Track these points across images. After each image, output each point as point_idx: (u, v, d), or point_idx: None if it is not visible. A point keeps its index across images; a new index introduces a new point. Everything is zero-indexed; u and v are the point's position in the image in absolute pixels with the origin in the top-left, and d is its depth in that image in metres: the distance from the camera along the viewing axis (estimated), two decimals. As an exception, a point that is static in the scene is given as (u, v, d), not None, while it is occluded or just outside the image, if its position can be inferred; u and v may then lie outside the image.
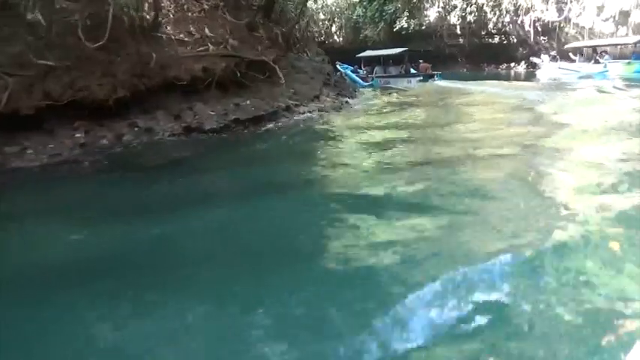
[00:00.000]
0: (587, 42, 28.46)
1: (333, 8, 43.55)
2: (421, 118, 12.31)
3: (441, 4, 38.01)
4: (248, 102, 9.70)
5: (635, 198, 4.62)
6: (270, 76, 11.61)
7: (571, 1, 31.51)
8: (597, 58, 25.18)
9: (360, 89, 21.07)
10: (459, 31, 38.57)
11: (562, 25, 32.73)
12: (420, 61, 27.44)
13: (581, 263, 3.34)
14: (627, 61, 23.60)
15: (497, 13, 35.36)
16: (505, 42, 36.68)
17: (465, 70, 37.72)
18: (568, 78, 23.34)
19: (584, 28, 31.20)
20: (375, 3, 40.20)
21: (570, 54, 27.71)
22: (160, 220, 4.59)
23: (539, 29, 33.84)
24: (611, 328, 2.49)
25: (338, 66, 26.55)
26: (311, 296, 3.08)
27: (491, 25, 36.62)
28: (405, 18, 38.69)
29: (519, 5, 33.49)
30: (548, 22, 33.03)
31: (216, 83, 9.71)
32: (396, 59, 27.25)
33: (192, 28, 9.81)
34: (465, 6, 36.48)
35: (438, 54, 38.20)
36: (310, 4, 43.08)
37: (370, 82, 25.22)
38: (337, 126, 10.50)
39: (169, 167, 6.96)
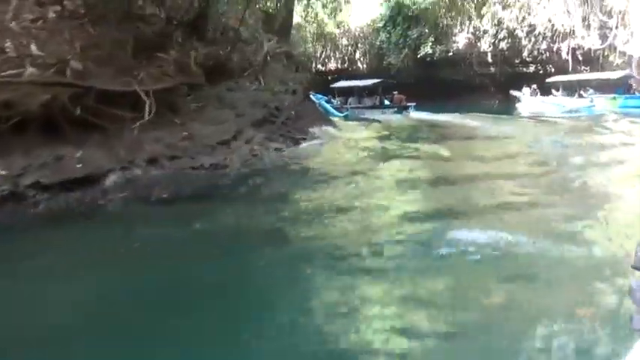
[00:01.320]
0: (569, 76, 27.14)
1: (357, 33, 40.96)
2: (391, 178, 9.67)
3: (471, 30, 34.59)
4: (79, 154, 6.95)
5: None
6: (161, 113, 8.91)
7: (617, 27, 27.39)
8: (581, 92, 24.99)
9: (334, 119, 20.05)
10: (490, 59, 34.93)
11: (606, 53, 28.56)
12: (395, 92, 27.03)
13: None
14: (612, 95, 23.47)
15: (533, 39, 31.56)
16: (541, 71, 32.64)
17: (495, 101, 33.81)
18: (552, 112, 23.58)
19: (631, 56, 26.91)
20: (398, 28, 37.26)
21: (553, 90, 27.10)
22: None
23: (580, 57, 29.74)
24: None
25: (312, 96, 25.21)
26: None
27: (525, 53, 32.81)
28: (431, 44, 35.45)
29: (556, 30, 29.60)
30: (590, 49, 28.93)
31: (40, 122, 7.03)
32: (370, 90, 27.60)
33: (8, 44, 7.21)
34: (496, 31, 32.89)
35: (467, 83, 34.81)
36: (331, 28, 41.07)
37: (345, 113, 24.48)
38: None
39: None
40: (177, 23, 11.11)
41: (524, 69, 33.64)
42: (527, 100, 27.84)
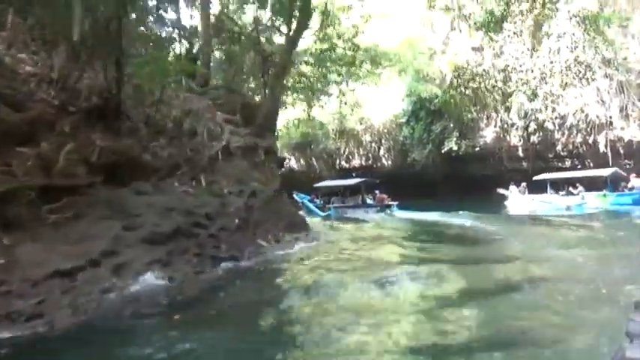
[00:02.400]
0: (557, 174, 26.50)
1: (380, 129, 39.48)
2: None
3: (498, 123, 32.19)
4: None
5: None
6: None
7: (659, 116, 24.26)
8: (570, 189, 24.61)
9: (316, 220, 20.56)
10: (521, 153, 32.03)
11: (651, 144, 25.16)
12: (377, 191, 27.68)
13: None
14: (602, 192, 23.00)
15: (566, 132, 28.66)
16: (579, 166, 29.27)
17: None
18: (543, 210, 23.07)
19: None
20: (421, 123, 35.49)
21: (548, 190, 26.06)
22: None
23: (621, 150, 26.38)
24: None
25: (295, 196, 26.94)
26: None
27: (559, 147, 29.77)
28: (455, 139, 33.18)
29: (590, 121, 26.68)
30: (631, 141, 25.62)
31: None
32: (353, 190, 28.33)
33: None
34: (525, 124, 30.29)
35: (497, 178, 31.82)
36: (354, 124, 39.92)
37: (327, 213, 25.40)
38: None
39: None
40: (76, 110, 9.36)
41: (559, 163, 30.37)
42: (515, 198, 27.29)
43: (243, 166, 14.41)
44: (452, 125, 33.69)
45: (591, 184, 23.84)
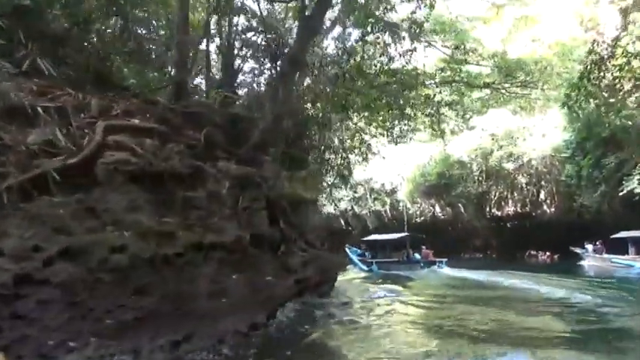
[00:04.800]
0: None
1: (538, 167, 31.31)
2: None
3: None
4: None
5: None
6: None
7: None
8: None
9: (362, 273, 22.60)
10: None
11: None
12: (423, 247, 27.53)
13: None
14: None
15: None
16: None
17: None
18: (621, 273, 20.69)
19: None
20: (589, 156, 26.77)
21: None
22: None
23: None
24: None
25: (347, 249, 25.72)
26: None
27: None
28: (639, 176, 23.85)
29: None
30: None
31: None
32: (397, 245, 27.78)
33: None
34: None
35: None
36: (504, 161, 32.34)
37: (370, 267, 25.26)
38: None
39: None
40: None
41: None
42: (591, 258, 25.13)
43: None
44: (633, 157, 24.39)
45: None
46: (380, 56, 16.06)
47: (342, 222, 46.00)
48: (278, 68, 11.26)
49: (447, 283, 18.55)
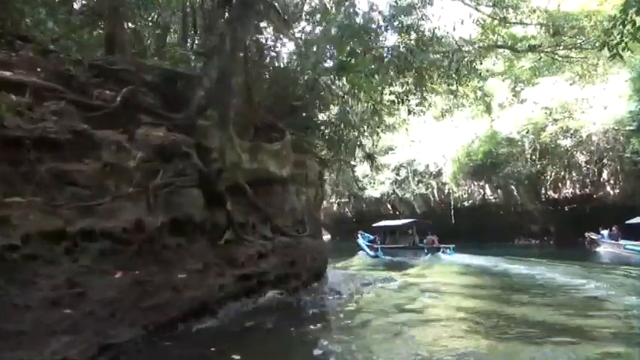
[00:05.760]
0: None
1: (600, 144, 27.47)
2: None
3: None
4: None
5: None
6: None
7: None
8: None
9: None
10: None
11: None
12: (429, 233, 26.48)
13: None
14: None
15: None
16: None
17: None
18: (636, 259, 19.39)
19: None
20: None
21: None
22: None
23: None
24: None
25: (360, 236, 28.45)
26: None
27: None
28: None
29: None
30: None
31: None
32: (404, 230, 27.74)
33: None
34: None
35: None
36: (558, 137, 28.66)
37: (376, 253, 24.86)
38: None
39: None
40: None
41: None
42: (606, 245, 24.58)
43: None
44: None
45: None
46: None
47: (389, 207, 43.68)
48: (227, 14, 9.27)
49: (451, 270, 17.71)
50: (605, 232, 25.00)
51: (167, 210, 6.83)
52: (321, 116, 15.78)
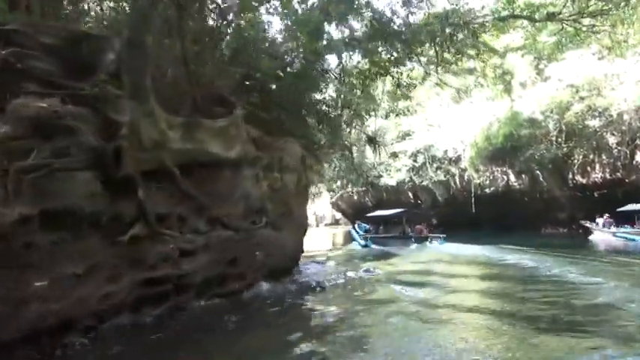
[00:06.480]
0: None
1: (633, 124, 25.03)
2: None
3: None
4: None
5: None
6: None
7: None
8: None
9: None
10: None
11: None
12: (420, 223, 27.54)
13: None
14: None
15: None
16: None
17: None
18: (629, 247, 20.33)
19: None
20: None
21: None
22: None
23: None
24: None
25: (355, 225, 29.65)
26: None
27: None
28: None
29: None
30: None
31: None
32: (395, 220, 28.01)
33: None
34: None
35: None
36: (586, 117, 26.19)
37: (366, 243, 25.35)
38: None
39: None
40: None
41: None
42: (599, 232, 24.97)
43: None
44: None
45: None
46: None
47: (410, 195, 41.92)
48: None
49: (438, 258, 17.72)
50: (600, 220, 25.80)
51: (37, 199, 5.63)
52: (315, 96, 14.57)
